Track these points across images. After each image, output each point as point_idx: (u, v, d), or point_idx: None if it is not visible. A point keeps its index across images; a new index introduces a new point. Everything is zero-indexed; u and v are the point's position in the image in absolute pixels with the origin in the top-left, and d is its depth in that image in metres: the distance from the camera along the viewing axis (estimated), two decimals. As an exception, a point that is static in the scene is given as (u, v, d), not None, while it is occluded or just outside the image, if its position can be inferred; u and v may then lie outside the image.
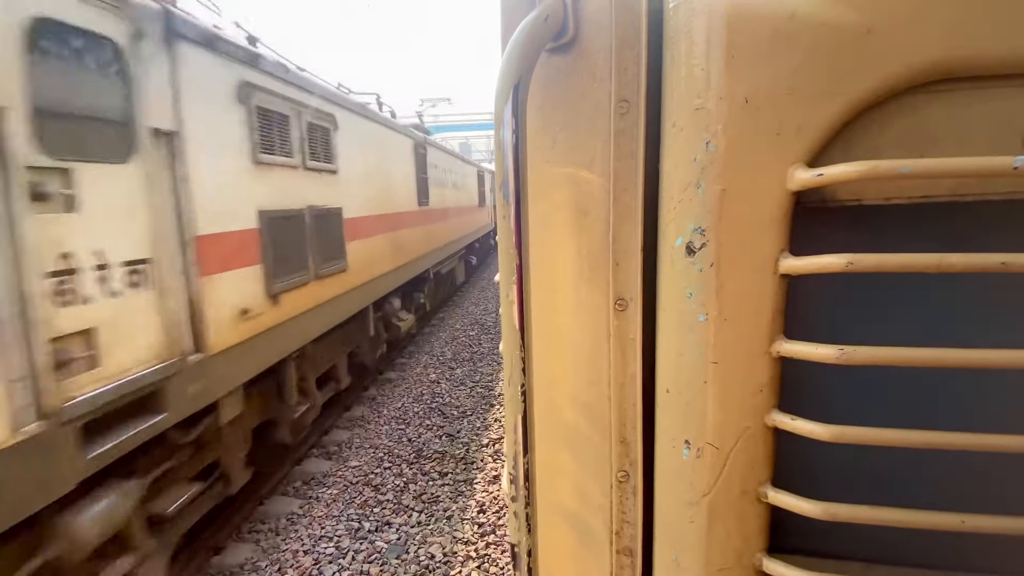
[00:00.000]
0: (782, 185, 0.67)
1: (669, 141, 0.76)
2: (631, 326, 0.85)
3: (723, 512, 0.74)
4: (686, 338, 0.74)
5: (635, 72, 0.82)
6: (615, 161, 0.84)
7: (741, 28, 0.68)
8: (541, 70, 0.93)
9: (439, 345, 10.07)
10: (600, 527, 0.97)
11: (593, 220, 0.89)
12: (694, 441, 0.75)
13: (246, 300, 4.14)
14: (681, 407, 0.76)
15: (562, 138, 0.93)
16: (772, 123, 0.67)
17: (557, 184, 0.95)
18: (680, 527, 0.80)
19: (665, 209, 0.76)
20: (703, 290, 0.71)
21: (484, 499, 5.05)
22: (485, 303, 13.75)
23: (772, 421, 0.71)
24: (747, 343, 0.70)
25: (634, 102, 0.83)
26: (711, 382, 0.72)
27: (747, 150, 0.68)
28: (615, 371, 0.89)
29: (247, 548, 4.45)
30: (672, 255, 0.75)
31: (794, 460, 0.75)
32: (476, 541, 4.47)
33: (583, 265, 0.93)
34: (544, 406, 1.05)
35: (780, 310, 0.69)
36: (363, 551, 4.37)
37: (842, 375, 0.73)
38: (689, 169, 0.72)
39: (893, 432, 0.66)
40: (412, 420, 6.82)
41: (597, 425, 0.95)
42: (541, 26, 0.87)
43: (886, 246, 0.70)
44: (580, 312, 0.94)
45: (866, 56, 0.66)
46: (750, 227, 0.68)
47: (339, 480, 5.46)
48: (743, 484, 0.73)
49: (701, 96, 0.70)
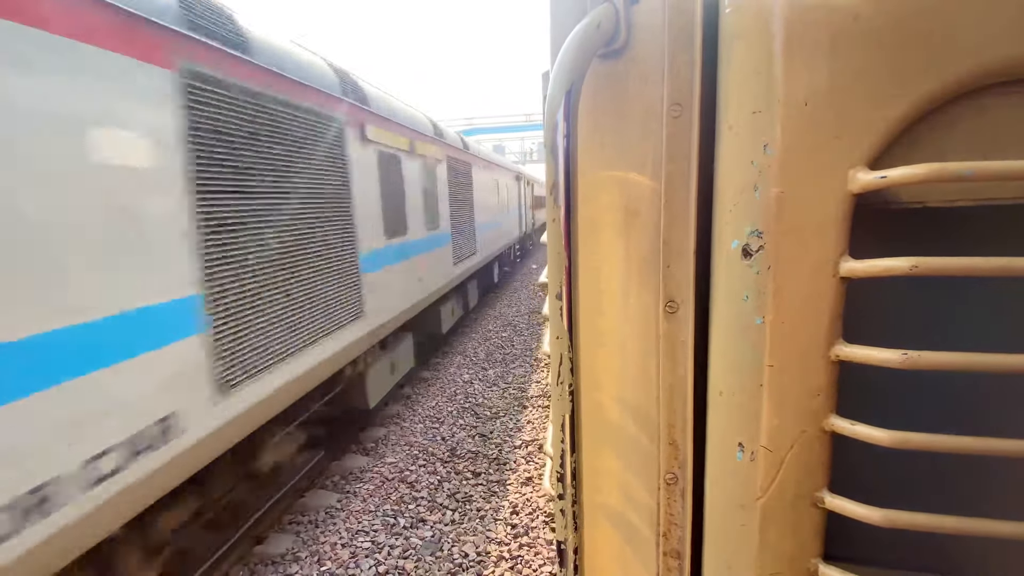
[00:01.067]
0: (843, 187, 0.67)
1: (724, 144, 0.76)
2: (682, 328, 0.86)
3: (777, 516, 0.74)
4: (741, 341, 0.74)
5: (688, 76, 0.83)
6: (667, 164, 0.85)
7: (801, 30, 0.68)
8: (592, 75, 0.95)
9: (472, 346, 10.16)
10: (647, 529, 0.97)
11: (643, 223, 0.90)
12: (748, 444, 0.75)
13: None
14: (735, 409, 0.76)
15: (612, 142, 0.94)
16: (833, 125, 0.67)
17: (606, 187, 0.96)
18: (731, 530, 0.79)
19: (720, 212, 0.77)
20: (760, 293, 0.71)
21: (517, 500, 5.07)
22: (518, 304, 13.78)
23: (830, 425, 0.70)
24: (805, 346, 0.70)
25: (687, 105, 0.83)
26: (767, 385, 0.72)
27: (806, 152, 0.68)
28: (664, 373, 0.89)
29: (288, 539, 4.59)
30: (727, 258, 0.75)
31: (841, 465, 0.74)
32: (509, 542, 4.49)
33: (632, 267, 0.94)
34: (589, 406, 1.06)
35: (839, 313, 0.69)
36: (398, 547, 4.45)
37: (892, 379, 0.71)
38: (746, 172, 0.72)
39: (957, 439, 0.65)
40: (446, 419, 6.91)
41: (644, 427, 0.95)
42: (593, 33, 0.88)
43: (947, 249, 0.68)
44: (628, 314, 0.95)
45: (932, 57, 0.65)
46: (809, 230, 0.68)
47: (375, 476, 5.58)
48: (798, 488, 0.73)
49: (759, 99, 0.70)
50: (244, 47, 3.67)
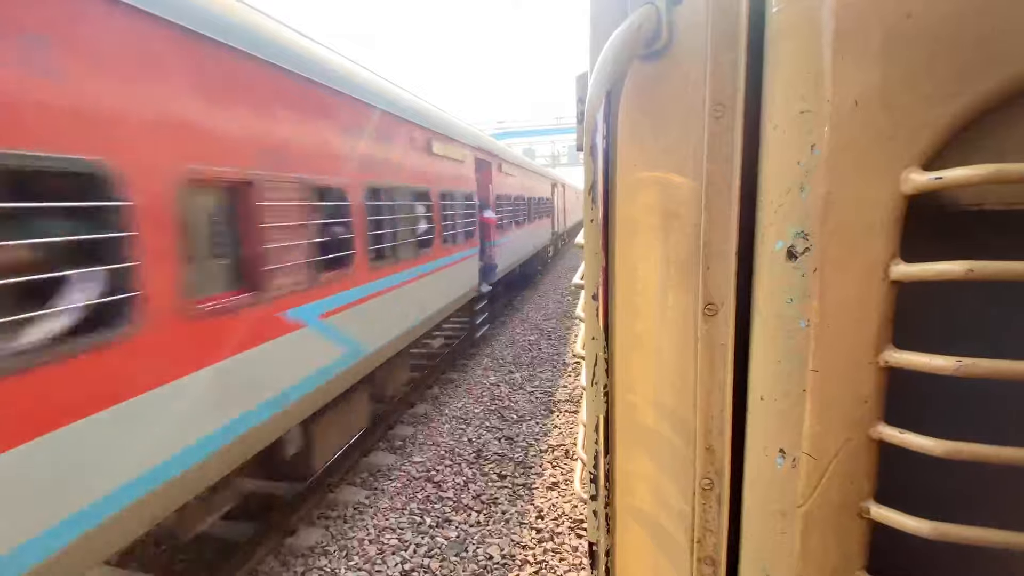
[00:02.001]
0: (895, 189, 0.65)
1: (770, 144, 0.75)
2: (721, 331, 0.85)
3: (819, 525, 0.72)
4: (784, 344, 0.73)
5: (731, 76, 0.82)
6: (708, 164, 0.84)
7: (852, 29, 0.66)
8: (631, 76, 0.95)
9: (499, 348, 10.18)
10: (680, 534, 0.96)
11: (682, 224, 0.90)
12: (789, 450, 0.73)
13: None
14: (776, 415, 0.75)
15: (651, 142, 0.94)
16: (885, 125, 0.65)
17: (645, 188, 0.95)
18: (770, 538, 0.78)
19: (764, 213, 0.76)
20: (805, 295, 0.70)
21: (543, 505, 5.05)
22: (545, 308, 13.76)
23: (877, 434, 0.68)
24: (851, 351, 0.68)
25: (729, 105, 0.83)
26: (811, 390, 0.70)
27: (857, 153, 0.66)
28: (702, 376, 0.88)
29: (317, 532, 4.69)
30: (771, 259, 0.74)
31: (884, 475, 0.72)
32: (534, 547, 4.48)
33: (670, 269, 0.93)
34: (623, 408, 1.05)
35: (889, 318, 0.67)
36: (424, 545, 4.49)
37: (939, 387, 0.69)
38: (792, 172, 0.71)
39: (1014, 450, 0.62)
40: (472, 421, 6.94)
41: (680, 431, 0.94)
42: (634, 34, 0.88)
43: (1001, 253, 0.66)
44: (665, 316, 0.94)
45: (990, 55, 0.63)
46: (858, 232, 0.66)
47: (403, 474, 5.65)
48: (842, 497, 0.71)
49: (806, 99, 0.69)
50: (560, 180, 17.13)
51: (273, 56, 3.76)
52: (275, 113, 3.78)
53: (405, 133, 6.08)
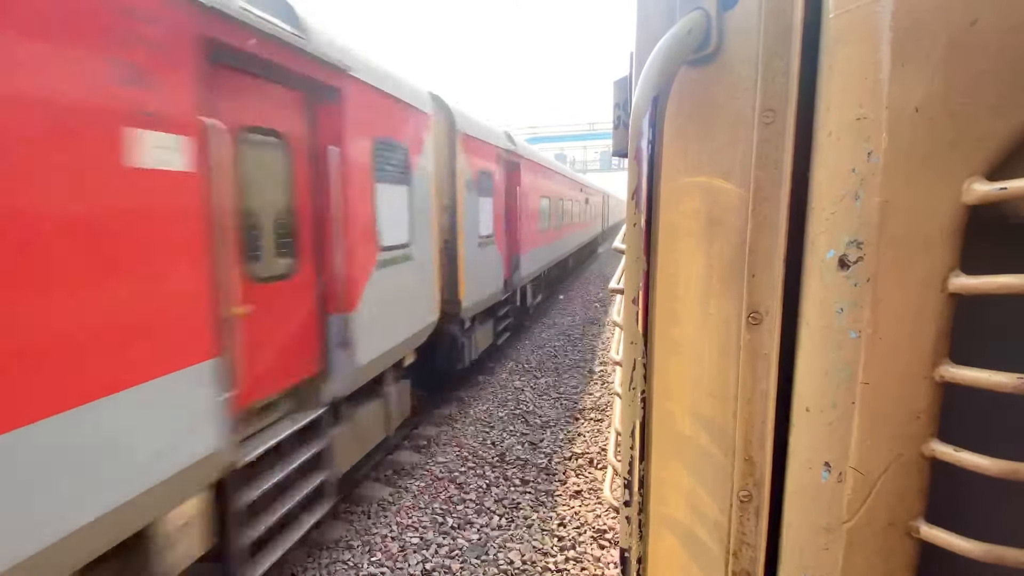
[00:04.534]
0: (956, 198, 0.63)
1: (822, 151, 0.74)
2: (765, 340, 0.83)
3: (866, 543, 0.70)
4: (833, 355, 0.71)
5: (782, 82, 0.81)
6: (756, 171, 0.83)
7: (913, 36, 0.65)
8: (678, 81, 0.94)
9: (525, 353, 10.17)
10: (715, 546, 0.95)
11: (727, 230, 0.89)
12: (835, 464, 0.71)
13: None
14: (822, 427, 0.73)
15: (697, 148, 0.93)
16: (947, 133, 0.63)
17: (689, 193, 0.95)
18: (812, 554, 0.76)
19: (815, 220, 0.74)
20: (856, 306, 0.68)
21: (565, 513, 5.01)
22: (572, 314, 13.69)
23: (930, 451, 0.66)
24: (905, 364, 0.66)
25: (780, 111, 0.82)
26: (860, 403, 0.68)
27: (916, 161, 0.65)
28: (744, 386, 0.87)
29: (341, 527, 4.77)
30: (821, 268, 0.73)
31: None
32: (555, 554, 4.45)
33: (712, 275, 0.92)
34: (660, 415, 1.04)
35: (946, 331, 0.65)
36: (445, 545, 4.51)
37: (987, 403, 0.66)
38: (846, 180, 0.69)
39: None
40: (496, 424, 6.95)
41: (719, 440, 0.93)
42: (683, 40, 0.88)
43: None
44: (707, 323, 0.93)
45: None
46: (916, 242, 0.65)
47: (426, 474, 5.69)
48: (891, 515, 0.68)
49: (864, 105, 0.68)
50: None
51: (567, 173, 16.05)
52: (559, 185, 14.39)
53: (576, 188, 18.08)
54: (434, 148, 6.18)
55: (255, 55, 3.17)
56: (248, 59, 3.19)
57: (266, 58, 3.27)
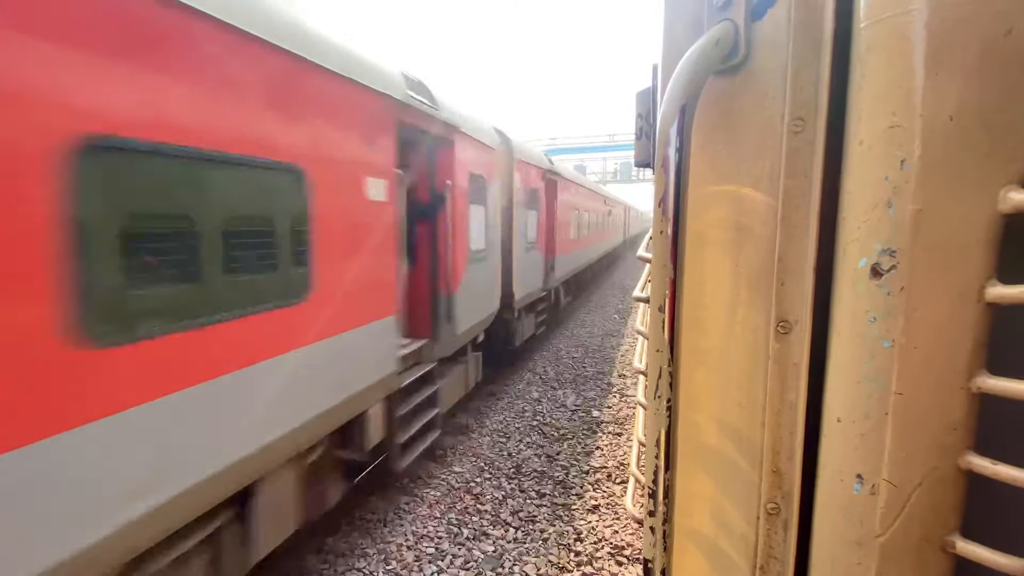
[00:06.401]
0: (992, 207, 0.62)
1: (854, 159, 0.74)
2: (795, 350, 0.82)
3: (900, 558, 0.68)
4: (865, 365, 0.70)
5: (813, 90, 0.81)
6: (786, 179, 0.83)
7: (948, 44, 0.65)
8: (706, 90, 0.95)
9: (542, 363, 10.14)
10: (742, 560, 0.93)
11: (755, 238, 0.88)
12: (868, 476, 0.70)
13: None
14: (854, 439, 0.72)
15: (725, 156, 0.94)
16: (982, 142, 0.63)
17: (717, 202, 0.95)
18: (844, 569, 0.74)
19: (847, 229, 0.74)
20: (889, 315, 0.67)
21: (582, 528, 4.95)
22: (591, 325, 13.61)
23: (967, 463, 0.64)
24: (940, 375, 0.65)
25: (810, 120, 0.82)
26: (894, 414, 0.67)
27: (950, 169, 0.64)
28: (772, 396, 0.86)
29: (357, 534, 4.77)
30: (853, 277, 0.72)
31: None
32: (572, 569, 4.39)
33: (740, 284, 0.92)
34: (685, 425, 1.04)
35: (983, 341, 0.63)
36: (460, 557, 4.48)
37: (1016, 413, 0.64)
38: (878, 188, 0.69)
39: None
40: (513, 435, 6.91)
41: (746, 451, 0.92)
42: (711, 49, 0.89)
43: None
44: (734, 332, 0.93)
45: None
46: (951, 250, 0.64)
47: (442, 483, 5.68)
48: (926, 530, 0.67)
49: (897, 113, 0.67)
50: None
51: (593, 187, 18.42)
52: (587, 199, 16.51)
53: (600, 200, 19.39)
54: (499, 173, 8.07)
55: (413, 124, 5.11)
56: (409, 128, 5.10)
57: (417, 125, 5.19)
